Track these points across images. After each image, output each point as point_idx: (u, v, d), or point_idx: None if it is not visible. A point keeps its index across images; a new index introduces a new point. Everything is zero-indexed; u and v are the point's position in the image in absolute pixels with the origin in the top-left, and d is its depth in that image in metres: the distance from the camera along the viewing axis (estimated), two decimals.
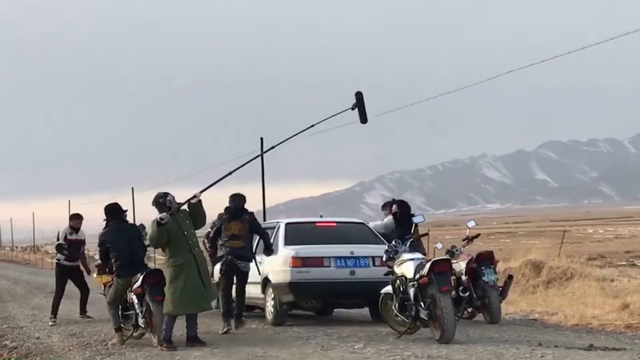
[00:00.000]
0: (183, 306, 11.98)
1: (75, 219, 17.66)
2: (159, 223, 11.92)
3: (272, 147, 13.82)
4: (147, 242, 13.09)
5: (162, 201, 12.20)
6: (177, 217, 12.10)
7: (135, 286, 12.52)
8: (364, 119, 13.25)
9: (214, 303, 13.30)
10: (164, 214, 11.96)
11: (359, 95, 13.21)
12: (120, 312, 13.00)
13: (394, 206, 15.99)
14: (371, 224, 16.27)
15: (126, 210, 13.70)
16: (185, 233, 12.12)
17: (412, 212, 15.78)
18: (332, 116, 13.63)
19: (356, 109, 13.14)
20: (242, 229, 14.32)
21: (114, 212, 13.30)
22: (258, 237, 15.56)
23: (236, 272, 14.29)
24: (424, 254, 14.40)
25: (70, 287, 17.89)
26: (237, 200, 14.57)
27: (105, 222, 13.31)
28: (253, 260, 14.64)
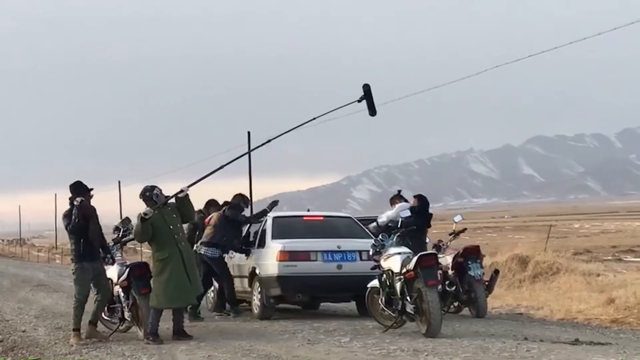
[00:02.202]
0: (168, 300, 11.94)
1: None
2: (142, 218, 11.87)
3: (263, 144, 13.60)
4: (131, 236, 13.03)
5: (148, 195, 12.13)
6: (164, 211, 12.07)
7: (121, 279, 12.48)
8: (372, 111, 13.00)
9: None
10: (148, 209, 11.91)
11: (366, 88, 12.91)
12: (106, 305, 12.91)
13: (414, 199, 15.96)
14: (383, 215, 15.98)
15: (91, 189, 12.57)
16: (171, 227, 12.07)
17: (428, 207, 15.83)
18: (338, 108, 13.41)
19: (363, 102, 12.91)
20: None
21: (78, 189, 12.35)
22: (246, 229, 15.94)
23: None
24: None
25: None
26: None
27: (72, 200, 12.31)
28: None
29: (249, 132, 36.20)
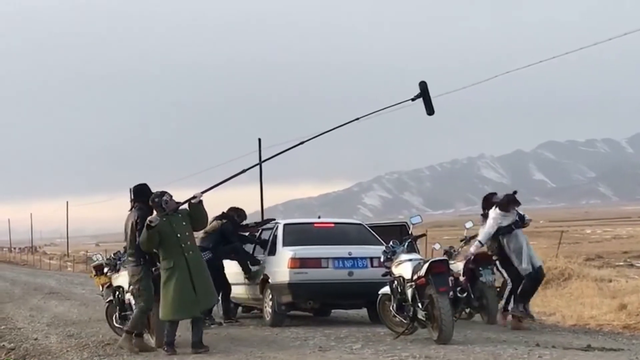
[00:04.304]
0: (172, 311, 11.46)
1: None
2: (148, 226, 11.33)
3: (294, 146, 13.18)
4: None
5: (157, 201, 11.55)
6: (173, 218, 11.54)
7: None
8: (430, 110, 12.29)
9: None
10: (153, 216, 11.41)
11: (423, 85, 12.25)
12: (117, 313, 12.91)
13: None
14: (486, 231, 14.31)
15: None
16: (179, 235, 11.51)
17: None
18: (389, 107, 12.83)
19: (418, 100, 12.21)
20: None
21: (143, 193, 11.94)
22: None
23: None
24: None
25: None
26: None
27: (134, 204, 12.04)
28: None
29: (259, 139, 36.19)
